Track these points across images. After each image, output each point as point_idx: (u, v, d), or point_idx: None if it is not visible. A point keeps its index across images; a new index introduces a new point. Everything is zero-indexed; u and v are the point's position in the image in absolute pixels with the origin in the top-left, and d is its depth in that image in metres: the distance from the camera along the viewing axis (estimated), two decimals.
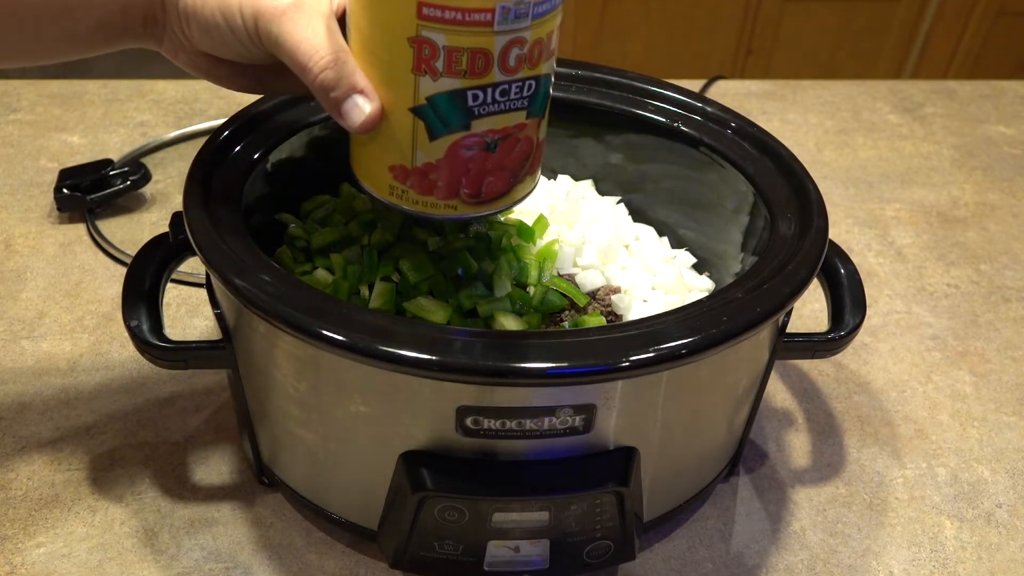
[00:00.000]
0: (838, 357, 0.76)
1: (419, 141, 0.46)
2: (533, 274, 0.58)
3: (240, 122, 0.59)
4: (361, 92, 0.45)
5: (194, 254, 0.51)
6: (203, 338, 0.73)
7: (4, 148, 0.96)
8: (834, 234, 0.60)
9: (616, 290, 0.59)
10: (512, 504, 0.49)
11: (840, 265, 0.60)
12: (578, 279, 0.60)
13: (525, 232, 0.60)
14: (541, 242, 0.61)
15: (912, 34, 2.22)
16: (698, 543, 0.60)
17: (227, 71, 0.51)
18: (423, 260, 0.55)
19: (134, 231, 0.85)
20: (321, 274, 0.57)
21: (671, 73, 1.50)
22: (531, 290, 0.57)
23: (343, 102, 0.45)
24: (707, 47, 2.17)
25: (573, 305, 0.58)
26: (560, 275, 0.59)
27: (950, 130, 1.15)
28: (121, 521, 0.59)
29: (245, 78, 0.52)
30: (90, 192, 0.85)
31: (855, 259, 0.82)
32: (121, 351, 0.71)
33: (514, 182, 0.49)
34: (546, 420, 0.47)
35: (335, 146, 0.65)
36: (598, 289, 0.59)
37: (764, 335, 0.53)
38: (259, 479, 0.61)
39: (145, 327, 0.52)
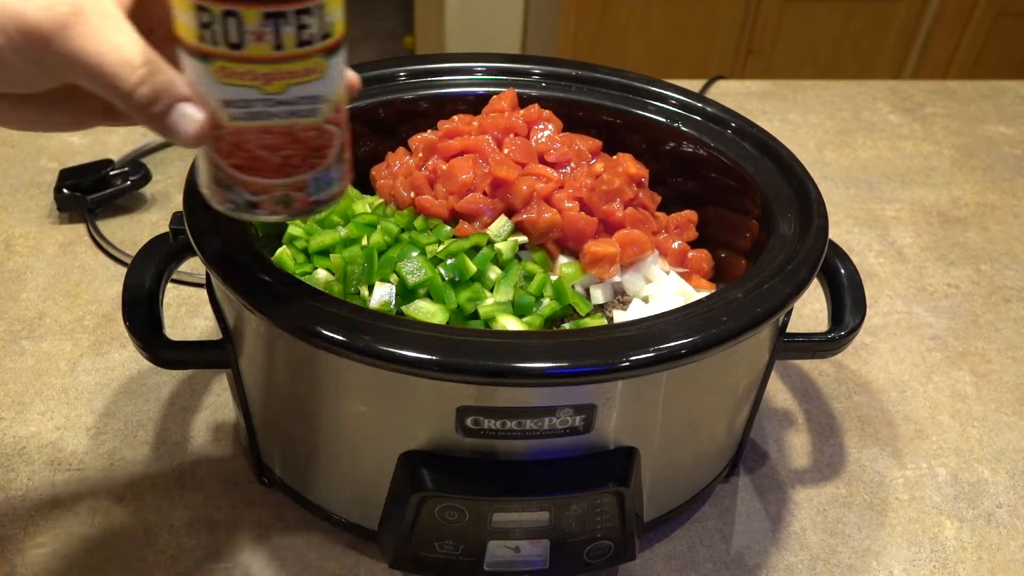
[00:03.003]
0: (838, 357, 0.76)
1: None
2: (539, 284, 0.57)
3: None
4: (186, 99, 0.39)
5: (194, 254, 0.51)
6: (203, 338, 0.73)
7: (4, 148, 0.96)
8: (834, 234, 0.60)
9: (625, 302, 0.59)
10: (512, 504, 0.49)
11: (840, 265, 0.60)
12: (591, 291, 0.59)
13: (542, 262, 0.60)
14: (563, 263, 0.60)
15: (912, 34, 2.22)
16: (698, 543, 0.60)
17: (1, 105, 0.41)
18: (421, 263, 0.55)
19: (134, 231, 0.85)
20: (321, 274, 0.57)
21: (671, 73, 1.49)
22: (539, 302, 0.57)
23: (168, 114, 0.39)
24: (707, 47, 2.17)
25: (576, 312, 0.58)
26: (572, 287, 0.59)
27: (950, 130, 1.15)
28: (121, 521, 0.59)
29: (31, 112, 0.42)
30: (90, 192, 0.85)
31: (855, 259, 0.82)
32: (121, 351, 0.71)
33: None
34: (546, 420, 0.47)
35: None
36: (605, 304, 0.59)
37: (764, 335, 0.53)
38: (259, 479, 0.61)
39: (145, 327, 0.52)
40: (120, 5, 0.38)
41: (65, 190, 0.85)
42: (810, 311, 0.81)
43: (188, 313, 0.76)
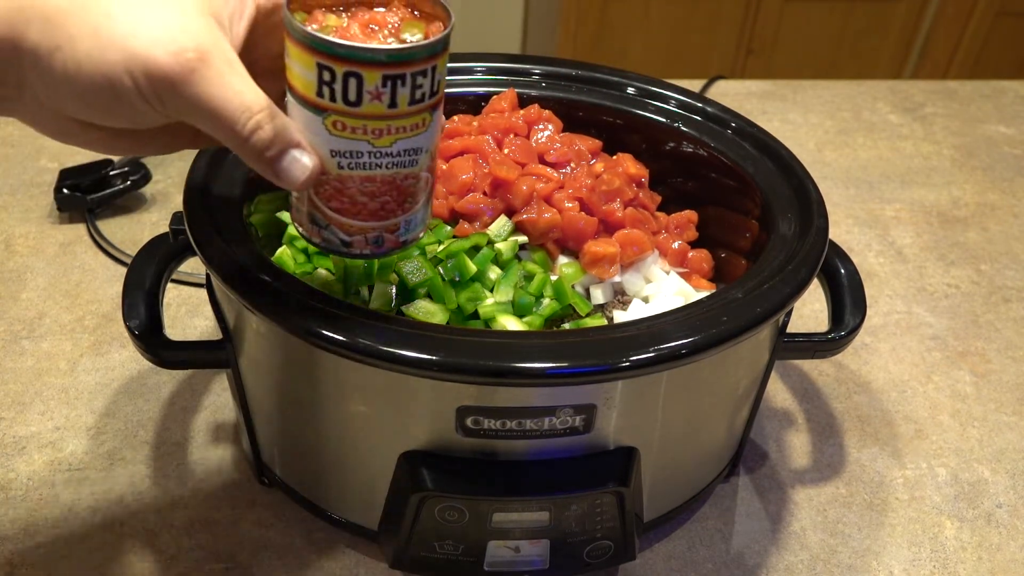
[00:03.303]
0: (838, 357, 0.76)
1: None
2: (539, 284, 0.57)
3: None
4: (298, 146, 0.40)
5: (194, 254, 0.51)
6: (203, 338, 0.73)
7: (4, 148, 0.96)
8: (834, 234, 0.60)
9: (625, 302, 0.59)
10: (512, 504, 0.49)
11: (840, 265, 0.60)
12: (591, 291, 0.59)
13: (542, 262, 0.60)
14: (563, 263, 0.60)
15: (912, 34, 2.22)
16: (698, 543, 0.60)
17: (102, 135, 0.42)
18: (421, 263, 0.55)
19: (134, 231, 0.85)
20: (321, 274, 0.57)
21: (671, 73, 1.49)
22: (540, 302, 0.57)
23: (280, 160, 0.40)
24: (707, 47, 2.17)
25: (576, 312, 0.58)
26: (573, 287, 0.59)
27: (950, 130, 1.15)
28: (121, 521, 0.59)
29: (126, 141, 0.43)
30: (90, 192, 0.85)
31: (855, 259, 0.82)
32: (121, 351, 0.71)
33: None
34: (546, 420, 0.46)
35: None
36: (605, 304, 0.59)
37: (764, 335, 0.53)
38: (259, 479, 0.61)
39: (145, 327, 0.52)
40: (234, 46, 0.39)
41: (65, 190, 0.85)
42: (810, 311, 0.81)
43: (188, 313, 0.76)
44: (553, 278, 0.58)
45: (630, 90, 0.68)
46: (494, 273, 0.57)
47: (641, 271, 0.60)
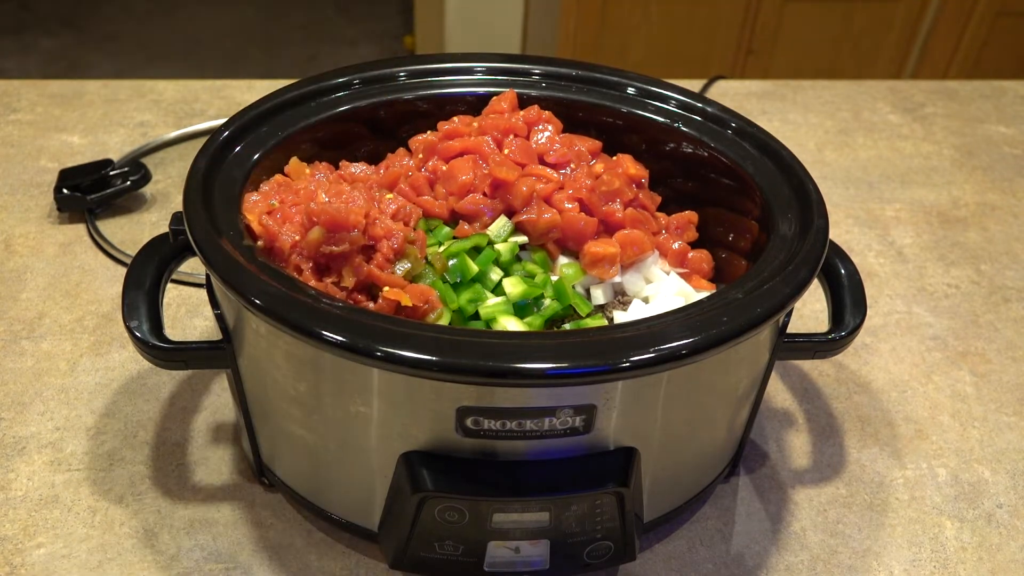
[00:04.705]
0: (838, 357, 0.76)
1: None
2: (541, 282, 0.57)
3: (240, 122, 0.59)
4: None
5: (194, 254, 0.51)
6: (203, 338, 0.73)
7: (4, 148, 0.96)
8: (834, 234, 0.60)
9: (626, 303, 0.59)
10: (512, 504, 0.49)
11: (840, 265, 0.60)
12: (591, 291, 0.59)
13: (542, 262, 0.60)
14: (563, 263, 0.60)
15: (912, 34, 2.22)
16: (698, 543, 0.60)
17: None
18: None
19: (134, 231, 0.85)
20: None
21: (671, 73, 1.50)
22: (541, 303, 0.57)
23: None
24: (707, 47, 2.17)
25: (576, 312, 0.58)
26: (573, 287, 0.59)
27: (950, 130, 1.15)
28: (121, 521, 0.59)
29: None
30: (90, 192, 0.85)
31: (855, 259, 0.82)
32: (121, 351, 0.71)
33: None
34: (546, 420, 0.47)
35: (334, 146, 0.65)
36: (606, 304, 0.59)
37: (764, 335, 0.53)
38: (259, 479, 0.61)
39: (145, 327, 0.52)
40: None
41: (65, 190, 0.85)
42: (810, 311, 0.81)
43: (188, 313, 0.76)
44: (553, 278, 0.58)
45: (630, 90, 0.68)
46: (495, 274, 0.57)
47: (641, 271, 0.60)
